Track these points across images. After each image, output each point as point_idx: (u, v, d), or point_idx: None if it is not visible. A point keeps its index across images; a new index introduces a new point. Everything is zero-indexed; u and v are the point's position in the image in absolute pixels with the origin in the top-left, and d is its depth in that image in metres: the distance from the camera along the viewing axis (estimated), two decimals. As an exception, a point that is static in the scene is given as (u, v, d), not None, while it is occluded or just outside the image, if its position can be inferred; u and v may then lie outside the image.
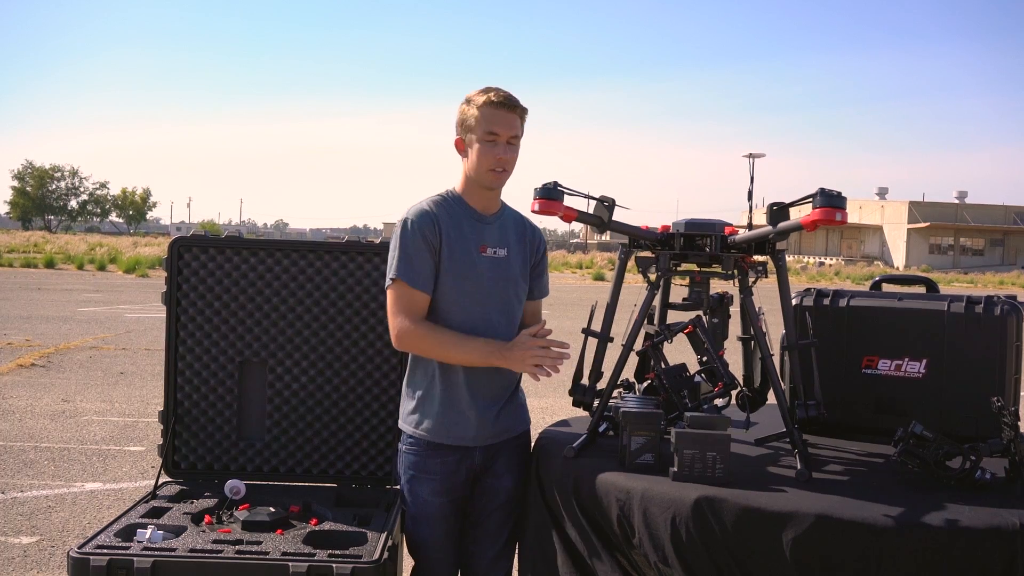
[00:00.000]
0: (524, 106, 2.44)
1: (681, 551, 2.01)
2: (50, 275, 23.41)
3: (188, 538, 2.39)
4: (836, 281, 36.58)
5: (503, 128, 2.39)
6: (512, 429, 2.58)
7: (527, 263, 2.58)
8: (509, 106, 2.39)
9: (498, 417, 2.53)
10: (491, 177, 2.43)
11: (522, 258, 2.57)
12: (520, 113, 2.43)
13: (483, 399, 2.49)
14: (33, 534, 4.29)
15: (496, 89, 2.42)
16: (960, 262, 61.32)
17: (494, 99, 2.38)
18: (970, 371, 2.50)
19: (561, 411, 6.79)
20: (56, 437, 6.20)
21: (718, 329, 2.62)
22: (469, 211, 2.50)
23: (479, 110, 2.39)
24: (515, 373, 2.53)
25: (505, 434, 2.56)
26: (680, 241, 2.54)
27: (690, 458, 2.15)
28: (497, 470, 2.56)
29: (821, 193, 2.13)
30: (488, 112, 2.38)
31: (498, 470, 2.56)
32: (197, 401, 2.95)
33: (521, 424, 2.62)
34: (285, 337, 2.93)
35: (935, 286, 2.79)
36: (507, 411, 2.55)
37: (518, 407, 2.61)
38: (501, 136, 2.39)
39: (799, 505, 1.97)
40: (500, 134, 2.39)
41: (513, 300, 2.54)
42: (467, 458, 2.51)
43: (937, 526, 1.89)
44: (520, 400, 2.63)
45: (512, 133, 2.41)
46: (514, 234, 2.57)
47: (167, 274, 2.93)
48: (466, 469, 2.52)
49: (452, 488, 2.51)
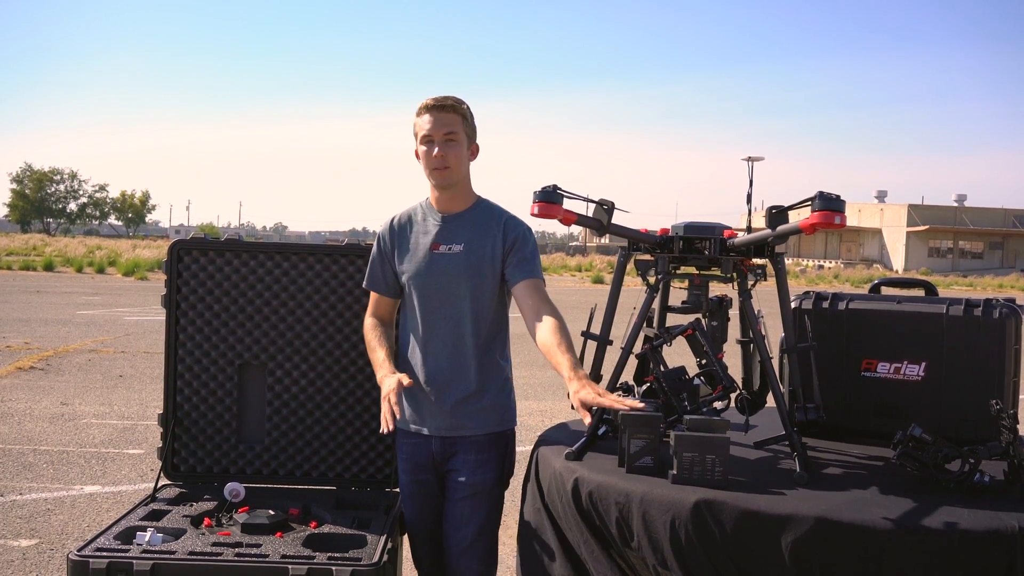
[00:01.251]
0: (458, 104, 2.53)
1: (680, 554, 2.01)
2: (49, 278, 23.40)
3: (187, 541, 2.39)
4: (835, 284, 36.59)
5: (435, 128, 2.50)
6: (472, 428, 2.56)
7: (495, 254, 2.55)
8: (438, 107, 2.51)
9: (454, 411, 2.55)
10: (437, 176, 2.54)
11: (484, 251, 2.54)
12: (452, 110, 2.52)
13: (436, 390, 2.57)
14: (32, 537, 4.29)
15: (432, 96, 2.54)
16: (959, 265, 61.36)
17: (425, 104, 2.52)
18: (969, 374, 2.50)
19: (560, 414, 6.79)
20: (55, 440, 6.19)
21: (717, 332, 2.62)
22: (433, 212, 2.63)
23: (416, 119, 2.55)
24: (476, 373, 2.56)
25: (463, 430, 2.55)
26: (679, 244, 2.55)
27: (689, 461, 2.15)
28: (455, 464, 2.57)
29: (820, 196, 2.13)
30: (421, 118, 2.53)
31: (456, 464, 2.56)
32: (197, 404, 2.95)
33: (485, 426, 2.57)
34: (284, 340, 2.94)
35: (934, 289, 2.79)
36: (468, 409, 2.55)
37: (485, 409, 2.57)
38: (435, 136, 2.50)
39: (798, 508, 1.97)
40: (434, 135, 2.50)
41: (464, 294, 2.54)
42: (425, 445, 2.60)
43: (936, 529, 1.89)
44: (488, 403, 2.58)
45: (446, 130, 2.50)
46: (478, 228, 2.57)
47: (167, 277, 2.93)
48: (426, 454, 2.61)
49: (415, 469, 2.63)
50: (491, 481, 2.57)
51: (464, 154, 2.55)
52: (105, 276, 25.38)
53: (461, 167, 2.55)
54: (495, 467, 2.58)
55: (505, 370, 2.66)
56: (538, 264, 2.60)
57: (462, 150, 2.54)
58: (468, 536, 2.55)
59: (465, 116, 2.54)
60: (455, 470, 2.57)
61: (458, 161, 2.53)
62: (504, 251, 2.55)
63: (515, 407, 2.69)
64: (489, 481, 2.57)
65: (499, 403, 2.61)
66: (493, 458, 2.58)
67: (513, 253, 2.55)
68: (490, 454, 2.58)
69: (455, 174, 2.54)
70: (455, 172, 2.53)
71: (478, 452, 2.56)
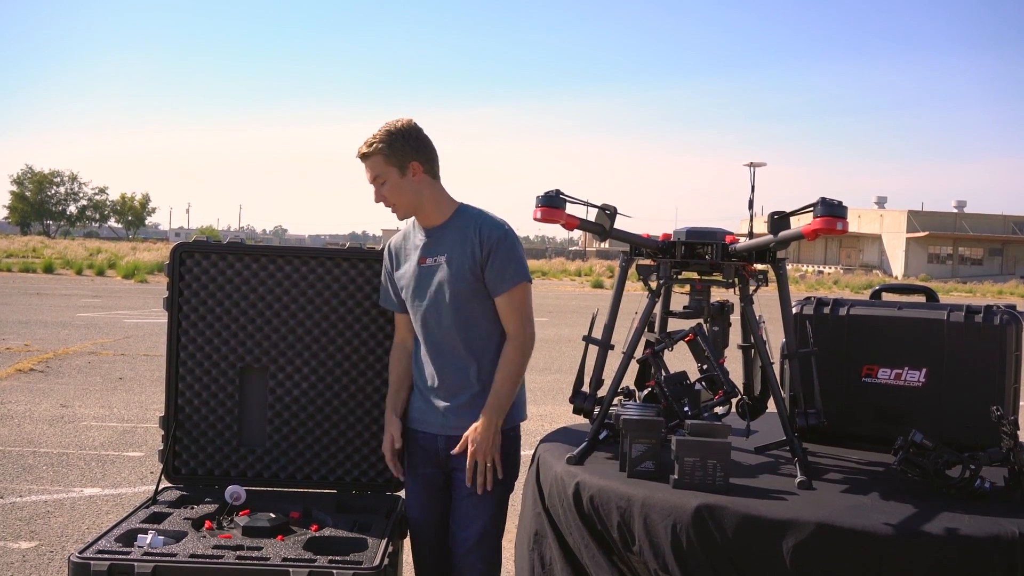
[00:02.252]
0: (371, 144, 2.55)
1: (681, 558, 2.01)
2: (49, 280, 23.40)
3: (189, 543, 2.39)
4: (835, 290, 36.62)
5: (368, 176, 2.60)
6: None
7: (475, 262, 2.55)
8: (361, 157, 2.59)
9: (459, 412, 2.59)
10: (394, 214, 2.65)
11: (465, 260, 2.55)
12: (369, 155, 2.56)
13: (441, 389, 2.63)
14: (32, 539, 4.29)
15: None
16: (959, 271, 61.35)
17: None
18: (970, 380, 2.51)
19: (561, 418, 6.79)
20: (55, 442, 6.19)
21: (718, 337, 2.63)
22: (419, 229, 2.68)
23: None
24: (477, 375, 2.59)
25: (466, 430, 2.57)
26: (681, 249, 2.55)
27: (691, 466, 2.15)
28: (459, 462, 2.59)
29: (822, 202, 2.13)
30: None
31: (460, 463, 2.59)
32: (198, 407, 2.96)
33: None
34: (286, 343, 2.94)
35: (935, 295, 2.79)
36: (471, 409, 2.58)
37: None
38: (370, 182, 2.60)
39: (799, 513, 1.97)
40: (370, 181, 2.60)
41: (450, 303, 2.57)
42: (431, 441, 2.65)
43: (937, 535, 1.90)
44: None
45: (371, 176, 2.59)
46: (458, 238, 2.58)
47: (169, 280, 2.93)
48: (432, 450, 2.64)
49: (421, 463, 2.68)
50: (493, 479, 2.58)
51: (400, 185, 2.57)
52: (105, 278, 25.38)
53: (403, 198, 2.58)
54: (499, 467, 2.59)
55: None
56: (516, 270, 2.56)
57: (394, 185, 2.57)
58: (473, 536, 2.58)
59: (384, 152, 2.54)
60: (459, 468, 2.60)
61: (397, 195, 2.58)
62: (482, 259, 2.55)
63: (523, 404, 2.71)
64: (492, 480, 2.57)
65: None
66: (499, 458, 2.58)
67: (489, 263, 2.54)
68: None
69: (403, 207, 2.61)
70: (401, 206, 2.60)
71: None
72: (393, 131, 2.55)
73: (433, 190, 2.61)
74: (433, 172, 2.61)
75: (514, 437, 2.67)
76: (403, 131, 2.56)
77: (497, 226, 2.58)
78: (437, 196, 2.62)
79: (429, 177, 2.60)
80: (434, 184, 2.62)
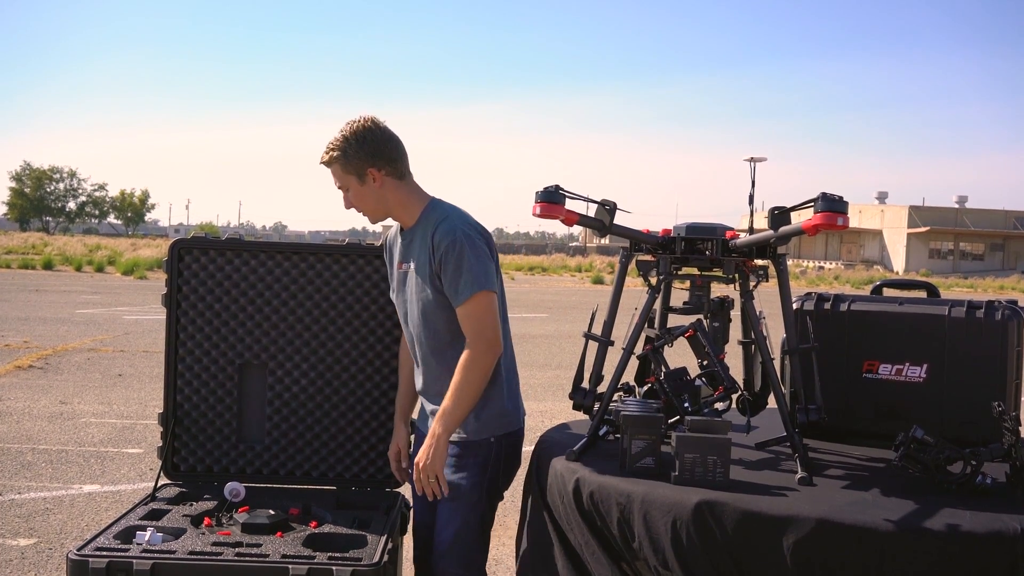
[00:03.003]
0: (328, 154, 2.47)
1: (681, 555, 2.01)
2: (48, 276, 23.39)
3: (188, 540, 2.38)
4: (835, 285, 36.61)
5: (335, 183, 2.53)
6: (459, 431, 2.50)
7: (433, 270, 2.45)
8: (323, 165, 2.51)
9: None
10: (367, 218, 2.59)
11: (425, 268, 2.47)
12: (329, 163, 2.49)
13: (425, 393, 2.64)
14: (31, 536, 4.28)
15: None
16: (960, 267, 61.35)
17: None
18: (971, 376, 2.50)
19: (561, 415, 6.79)
20: (54, 439, 6.19)
21: (719, 333, 2.62)
22: (399, 231, 2.61)
23: None
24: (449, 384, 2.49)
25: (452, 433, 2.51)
26: (681, 245, 2.55)
27: (691, 462, 2.15)
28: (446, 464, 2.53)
29: (823, 198, 2.13)
30: None
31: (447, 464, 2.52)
32: (197, 403, 2.95)
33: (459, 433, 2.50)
34: (285, 339, 2.93)
35: (936, 291, 2.78)
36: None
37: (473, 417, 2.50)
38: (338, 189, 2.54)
39: (800, 509, 1.96)
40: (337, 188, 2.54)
41: (418, 312, 2.51)
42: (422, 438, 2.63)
43: (938, 531, 1.89)
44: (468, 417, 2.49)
45: (337, 184, 2.52)
46: (420, 243, 2.49)
47: (167, 276, 2.92)
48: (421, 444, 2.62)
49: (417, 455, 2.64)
50: (467, 486, 2.49)
51: (362, 192, 2.48)
52: (104, 275, 25.37)
53: (368, 205, 2.51)
54: (473, 473, 2.50)
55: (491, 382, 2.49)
56: (468, 281, 2.39)
57: (358, 192, 2.49)
58: (446, 540, 2.53)
59: (341, 160, 2.45)
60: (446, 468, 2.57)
61: (361, 202, 2.51)
62: (437, 268, 2.43)
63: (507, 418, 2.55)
64: (464, 486, 2.49)
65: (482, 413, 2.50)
66: (470, 464, 2.51)
67: (442, 273, 2.42)
68: (467, 460, 2.51)
69: (372, 213, 2.53)
70: (370, 212, 2.53)
71: (458, 457, 2.51)
72: (349, 136, 2.43)
73: (399, 192, 2.49)
74: (397, 173, 2.48)
75: (491, 446, 2.53)
76: (359, 135, 2.43)
77: (447, 232, 2.40)
78: (404, 198, 2.50)
79: (393, 179, 2.47)
80: (400, 186, 2.49)
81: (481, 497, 2.53)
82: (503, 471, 2.57)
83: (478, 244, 2.42)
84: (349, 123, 2.46)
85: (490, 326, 2.41)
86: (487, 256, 2.45)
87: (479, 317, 2.40)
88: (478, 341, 2.40)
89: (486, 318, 2.41)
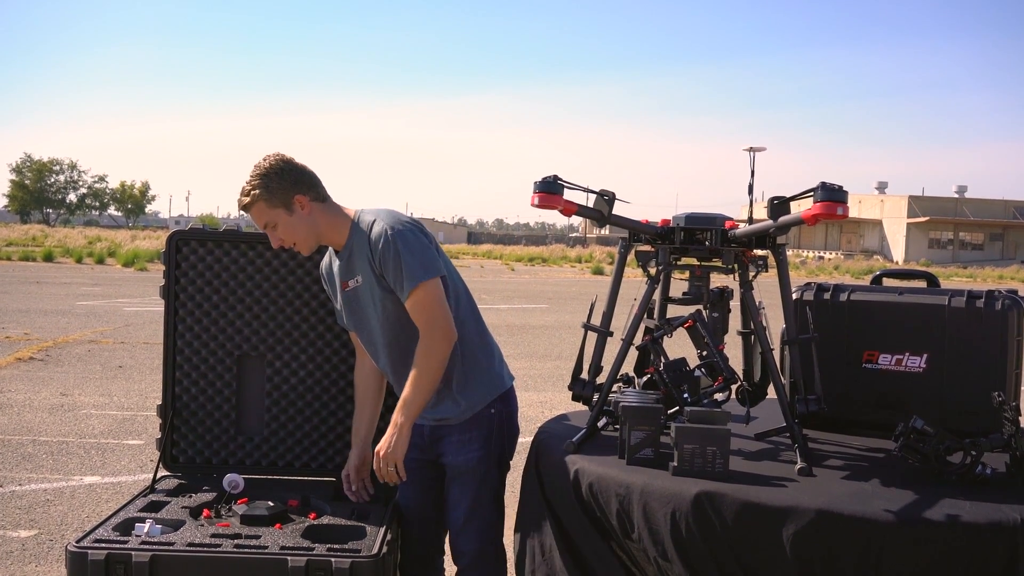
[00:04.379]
0: (248, 195, 2.47)
1: (681, 546, 2.01)
2: (48, 268, 23.39)
3: (186, 532, 2.38)
4: (835, 275, 36.61)
5: (258, 225, 2.53)
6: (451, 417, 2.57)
7: (378, 274, 2.48)
8: (242, 208, 2.51)
9: (436, 401, 2.56)
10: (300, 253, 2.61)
11: (372, 276, 2.49)
12: (250, 205, 2.48)
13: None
14: (31, 528, 4.29)
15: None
16: (959, 256, 61.31)
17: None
18: (971, 366, 2.50)
19: (560, 405, 6.79)
20: (54, 431, 6.19)
21: (718, 323, 2.62)
22: (334, 253, 2.61)
23: None
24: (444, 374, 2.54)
25: (443, 419, 2.58)
26: (680, 235, 2.54)
27: (690, 453, 2.14)
28: (441, 448, 2.61)
29: (822, 187, 2.12)
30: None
31: (442, 448, 2.61)
32: (196, 395, 2.94)
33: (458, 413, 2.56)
34: (284, 331, 2.93)
35: (936, 281, 2.78)
36: (445, 401, 2.57)
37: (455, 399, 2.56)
38: (263, 230, 2.55)
39: (799, 500, 1.96)
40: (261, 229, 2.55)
41: (379, 321, 2.53)
42: (420, 429, 2.61)
43: (938, 521, 1.89)
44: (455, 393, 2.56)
45: (261, 224, 2.51)
46: (360, 255, 2.50)
47: (165, 268, 2.92)
48: (417, 439, 2.61)
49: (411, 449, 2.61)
50: (473, 460, 2.56)
51: (292, 223, 2.49)
52: (105, 267, 25.36)
53: (299, 234, 2.50)
54: (478, 446, 2.57)
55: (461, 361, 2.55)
56: (409, 273, 2.40)
57: (287, 226, 2.49)
58: (460, 517, 2.59)
59: (264, 196, 2.45)
60: (442, 453, 2.62)
61: (292, 233, 2.50)
62: (379, 270, 2.45)
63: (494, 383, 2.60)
64: (472, 460, 2.56)
65: (467, 391, 2.56)
66: (475, 438, 2.57)
67: (384, 272, 2.44)
68: (471, 434, 2.57)
69: (303, 242, 2.53)
70: (302, 242, 2.52)
71: (460, 433, 2.58)
72: (266, 173, 2.46)
73: (326, 215, 2.52)
74: (320, 196, 2.51)
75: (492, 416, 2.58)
76: (276, 169, 2.46)
77: (379, 234, 2.43)
78: (332, 219, 2.52)
79: (318, 204, 2.51)
80: (326, 208, 2.52)
81: (490, 469, 2.59)
82: (507, 439, 2.63)
83: (410, 236, 2.43)
84: (260, 163, 2.49)
85: (440, 315, 2.43)
86: (424, 245, 2.45)
87: (427, 306, 2.42)
88: (432, 330, 2.42)
89: (434, 307, 2.42)
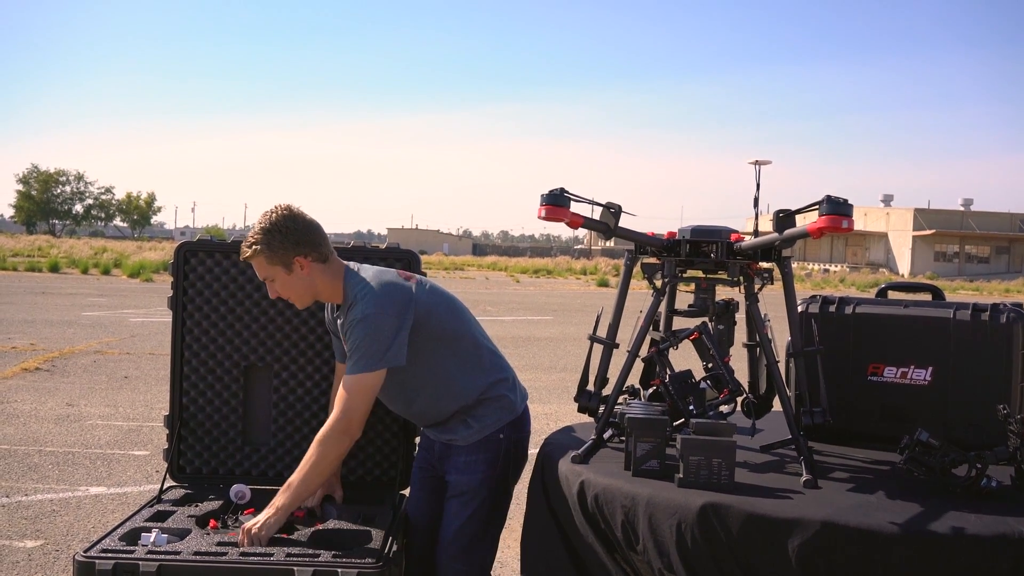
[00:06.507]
0: (249, 248, 2.45)
1: (686, 558, 2.01)
2: (54, 279, 23.45)
3: (193, 541, 2.39)
4: (841, 288, 36.53)
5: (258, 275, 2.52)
6: (456, 439, 2.59)
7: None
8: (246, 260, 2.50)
9: (447, 425, 2.60)
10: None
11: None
12: (251, 257, 2.47)
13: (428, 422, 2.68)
14: (37, 538, 4.29)
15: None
16: (965, 270, 61.14)
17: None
18: (976, 379, 2.50)
19: (566, 417, 6.79)
20: (60, 441, 6.20)
21: (724, 336, 2.62)
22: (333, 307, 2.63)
23: None
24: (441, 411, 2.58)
25: (449, 439, 2.61)
26: (686, 247, 2.55)
27: (696, 464, 2.15)
28: (447, 466, 2.64)
29: (828, 200, 2.13)
30: None
31: (448, 466, 2.64)
32: (203, 406, 2.96)
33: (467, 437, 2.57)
34: (290, 342, 2.94)
35: (941, 294, 2.78)
36: (454, 423, 2.59)
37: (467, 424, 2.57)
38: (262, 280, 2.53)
39: (805, 512, 1.96)
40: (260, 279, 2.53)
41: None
42: (430, 444, 2.70)
43: (943, 534, 1.89)
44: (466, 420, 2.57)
45: (261, 277, 2.51)
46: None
47: (173, 278, 2.93)
48: (430, 450, 2.70)
49: (419, 460, 2.78)
50: (475, 482, 2.57)
51: (290, 282, 2.48)
52: (110, 277, 25.42)
53: (296, 291, 2.50)
54: (482, 469, 2.57)
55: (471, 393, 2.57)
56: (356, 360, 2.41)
57: (284, 283, 2.48)
58: (450, 534, 2.59)
59: (265, 253, 2.44)
60: (447, 471, 2.64)
61: (289, 291, 2.50)
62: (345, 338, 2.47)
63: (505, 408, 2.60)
64: (473, 482, 2.57)
65: (477, 417, 2.58)
66: (481, 460, 2.58)
67: (345, 342, 2.47)
68: (477, 456, 2.58)
69: (299, 299, 2.53)
70: (298, 298, 2.53)
71: (467, 455, 2.59)
72: (270, 229, 2.43)
73: (325, 275, 2.50)
74: (321, 256, 2.48)
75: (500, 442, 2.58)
76: (280, 226, 2.43)
77: (355, 312, 2.42)
78: (331, 279, 2.51)
79: (319, 264, 2.48)
80: (325, 268, 2.49)
81: (489, 493, 2.59)
82: (512, 466, 2.63)
83: (378, 322, 2.40)
84: (266, 215, 2.47)
85: (358, 409, 2.42)
86: (388, 334, 2.41)
87: (353, 395, 2.41)
88: (341, 419, 2.41)
89: (358, 399, 2.41)
